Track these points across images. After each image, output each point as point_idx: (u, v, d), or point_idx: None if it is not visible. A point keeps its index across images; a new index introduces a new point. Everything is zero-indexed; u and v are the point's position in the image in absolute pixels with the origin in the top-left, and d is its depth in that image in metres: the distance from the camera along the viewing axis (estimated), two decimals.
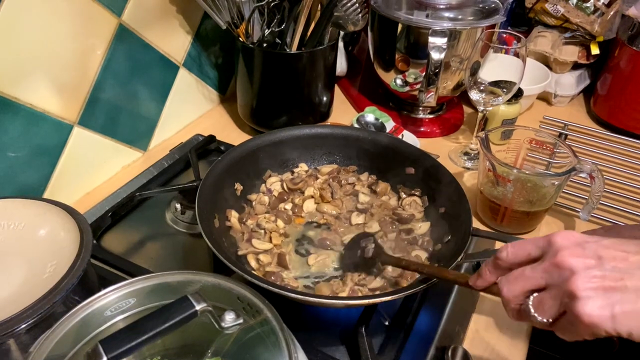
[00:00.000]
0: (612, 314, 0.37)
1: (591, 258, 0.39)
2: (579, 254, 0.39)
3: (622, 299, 0.37)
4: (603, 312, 0.37)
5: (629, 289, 0.37)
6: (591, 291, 0.37)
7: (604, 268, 0.38)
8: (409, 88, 0.99)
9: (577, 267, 0.39)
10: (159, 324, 0.38)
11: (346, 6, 0.85)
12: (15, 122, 0.69)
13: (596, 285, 0.38)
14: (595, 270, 0.38)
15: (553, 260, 0.40)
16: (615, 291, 0.37)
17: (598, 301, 0.37)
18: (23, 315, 0.47)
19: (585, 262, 0.39)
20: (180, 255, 0.73)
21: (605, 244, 0.40)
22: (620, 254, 0.39)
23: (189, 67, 0.96)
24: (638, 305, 0.37)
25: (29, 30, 0.67)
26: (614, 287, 0.37)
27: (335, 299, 0.57)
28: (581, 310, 0.37)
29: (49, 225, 0.56)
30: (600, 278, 0.38)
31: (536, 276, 0.41)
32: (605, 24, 1.07)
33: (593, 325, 0.37)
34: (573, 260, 0.39)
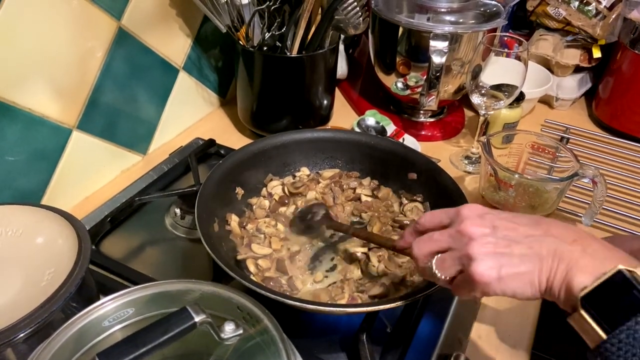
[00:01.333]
0: (498, 275, 0.43)
1: (487, 227, 0.45)
2: (478, 224, 0.46)
3: (507, 262, 0.43)
4: (492, 272, 0.43)
5: (515, 254, 0.43)
6: (484, 255, 0.44)
7: (496, 236, 0.44)
8: (410, 91, 0.99)
9: (475, 234, 0.45)
10: (158, 336, 0.38)
11: (347, 10, 0.85)
12: (13, 127, 0.68)
13: (488, 250, 0.44)
14: (490, 237, 0.44)
15: (457, 227, 0.46)
16: (503, 256, 0.43)
17: (489, 262, 0.43)
18: (21, 324, 0.46)
19: (482, 230, 0.45)
20: (179, 260, 0.72)
21: (502, 217, 0.46)
22: (512, 224, 0.45)
23: (188, 71, 0.96)
24: (520, 269, 0.42)
25: (28, 34, 0.66)
26: (502, 252, 0.43)
27: (336, 307, 0.57)
28: (475, 270, 0.43)
29: (47, 232, 0.56)
30: (493, 244, 0.44)
31: (442, 239, 0.47)
32: (607, 27, 1.07)
33: (483, 283, 0.43)
34: (473, 229, 0.45)
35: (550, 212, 0.76)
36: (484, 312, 0.67)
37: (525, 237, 0.44)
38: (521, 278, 0.43)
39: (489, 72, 0.84)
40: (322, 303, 0.58)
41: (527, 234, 0.44)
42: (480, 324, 0.66)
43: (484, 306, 0.68)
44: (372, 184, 0.76)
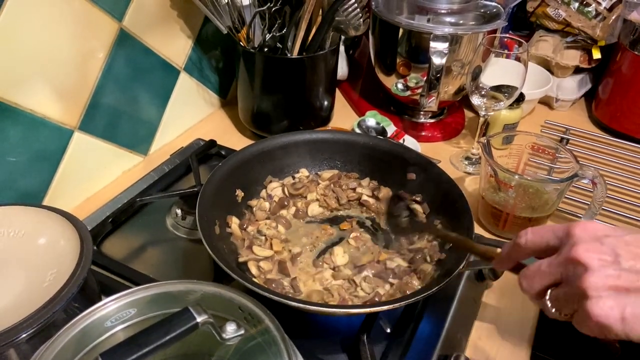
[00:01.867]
0: (622, 316, 0.36)
1: (608, 254, 0.37)
2: (595, 250, 0.38)
3: (635, 301, 0.36)
4: (612, 313, 0.36)
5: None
6: (603, 291, 0.36)
7: (620, 267, 0.37)
8: (410, 92, 0.99)
9: (592, 264, 0.37)
10: (160, 337, 0.38)
11: (347, 11, 0.85)
12: (15, 128, 0.68)
13: (609, 284, 0.36)
14: (610, 269, 0.37)
15: (569, 254, 0.38)
16: (629, 293, 0.36)
17: (609, 302, 0.36)
18: (23, 324, 0.46)
19: (601, 258, 0.37)
20: (181, 261, 0.72)
21: (626, 240, 0.38)
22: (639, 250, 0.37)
23: (189, 72, 0.96)
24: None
25: (30, 35, 0.66)
26: (628, 288, 0.36)
27: (337, 308, 0.57)
28: (590, 310, 0.36)
29: (49, 233, 0.56)
30: (614, 277, 0.36)
31: (552, 271, 0.40)
32: (607, 29, 1.07)
33: (601, 325, 0.36)
34: (588, 256, 0.37)
35: (550, 212, 0.77)
36: (484, 312, 0.67)
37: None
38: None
39: (489, 73, 0.84)
40: (323, 304, 0.58)
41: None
42: (481, 324, 0.66)
43: (484, 306, 0.68)
44: (372, 184, 0.77)
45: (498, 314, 0.67)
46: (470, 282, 0.67)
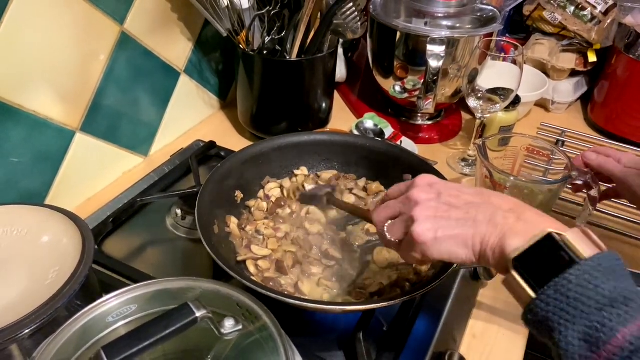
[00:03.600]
0: (435, 236, 0.46)
1: (433, 194, 0.49)
2: (425, 191, 0.49)
3: (445, 225, 0.46)
4: (429, 233, 0.46)
5: (452, 218, 0.46)
6: (425, 217, 0.47)
7: (439, 201, 0.48)
8: (408, 95, 1.00)
9: (420, 199, 0.49)
10: (160, 331, 0.39)
11: (345, 14, 0.86)
12: (18, 129, 0.70)
13: (429, 214, 0.47)
14: (432, 202, 0.48)
15: (408, 194, 0.50)
16: (441, 219, 0.47)
17: (427, 224, 0.47)
18: (26, 320, 0.47)
19: (427, 196, 0.49)
20: (180, 260, 0.74)
21: (449, 186, 0.50)
22: (455, 192, 0.48)
23: (190, 74, 0.97)
24: (455, 231, 0.46)
25: (32, 38, 0.68)
26: (441, 216, 0.47)
27: (333, 305, 0.58)
28: (415, 230, 0.47)
29: (52, 231, 0.57)
30: (434, 209, 0.47)
31: (395, 206, 0.51)
32: (602, 32, 1.08)
33: (421, 242, 0.47)
34: (419, 195, 0.49)
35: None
36: (479, 310, 0.68)
37: (465, 204, 0.47)
38: (455, 240, 0.46)
39: (485, 76, 0.85)
40: (319, 302, 0.59)
41: (467, 201, 0.47)
42: (475, 322, 0.67)
43: (479, 304, 0.69)
44: (367, 184, 0.78)
45: (493, 312, 0.68)
46: (465, 281, 0.68)
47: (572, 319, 0.38)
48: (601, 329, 0.37)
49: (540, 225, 0.43)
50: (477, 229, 0.45)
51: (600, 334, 0.36)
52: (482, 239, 0.45)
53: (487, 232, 0.44)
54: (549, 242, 0.41)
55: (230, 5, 0.87)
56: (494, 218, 0.45)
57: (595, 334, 0.37)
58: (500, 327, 0.66)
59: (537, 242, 0.41)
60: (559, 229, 0.42)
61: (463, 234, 0.45)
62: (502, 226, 0.44)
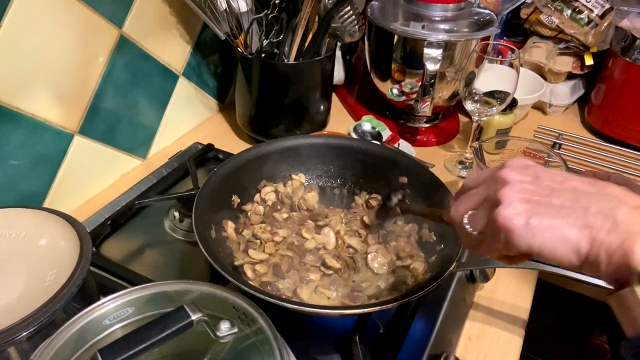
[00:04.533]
0: (527, 222, 0.35)
1: (529, 176, 0.38)
2: (519, 171, 0.39)
3: (543, 211, 0.35)
4: (519, 218, 0.36)
5: (554, 205, 0.36)
6: (516, 201, 0.37)
7: (537, 185, 0.37)
8: (405, 98, 1.00)
9: (512, 179, 0.38)
10: (156, 334, 0.39)
11: (343, 18, 0.87)
12: (17, 132, 0.70)
13: (523, 196, 0.37)
14: (528, 185, 0.37)
15: (494, 174, 0.39)
16: (539, 204, 0.36)
17: (518, 208, 0.36)
18: (24, 323, 0.48)
19: (521, 177, 0.38)
20: (178, 262, 0.74)
21: (550, 170, 0.39)
22: (560, 177, 0.38)
23: (188, 76, 0.98)
24: (556, 221, 0.35)
25: (31, 41, 0.68)
26: (539, 200, 0.36)
27: (329, 309, 0.58)
28: (499, 212, 0.36)
29: (50, 234, 0.57)
30: (529, 192, 0.37)
31: (478, 193, 0.41)
32: (599, 35, 1.09)
33: (507, 229, 0.36)
34: (510, 174, 0.38)
35: None
36: (475, 313, 0.69)
37: (572, 190, 0.36)
38: (555, 231, 0.35)
39: (482, 79, 0.86)
40: (316, 305, 0.59)
41: (575, 187, 0.36)
42: (472, 325, 0.67)
43: (475, 306, 0.70)
44: None
45: (489, 315, 0.69)
46: (461, 283, 0.68)
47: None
48: None
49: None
50: (587, 221, 0.34)
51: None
52: (595, 236, 0.34)
53: (602, 228, 0.34)
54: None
55: (228, 8, 0.87)
56: (615, 212, 0.34)
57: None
58: (497, 329, 0.67)
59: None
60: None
61: (567, 224, 0.34)
62: (626, 224, 0.33)
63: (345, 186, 0.79)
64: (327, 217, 0.73)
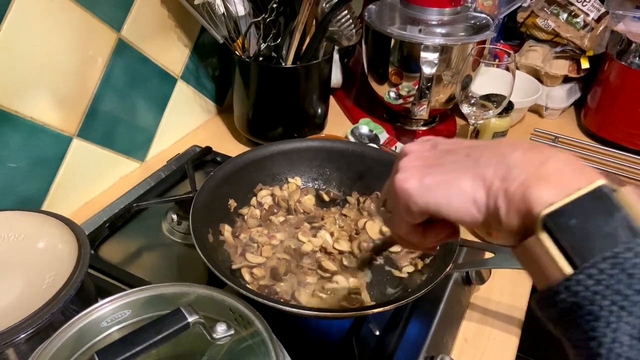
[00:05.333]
0: (420, 182, 0.35)
1: (428, 145, 0.39)
2: (419, 143, 0.40)
3: (436, 170, 0.36)
4: (412, 180, 0.36)
5: (446, 162, 0.36)
6: (412, 167, 0.37)
7: (434, 151, 0.38)
8: (402, 101, 1.01)
9: (411, 150, 0.39)
10: (153, 336, 0.40)
11: (340, 22, 0.88)
12: (15, 135, 0.70)
13: (418, 163, 0.37)
14: (425, 152, 0.38)
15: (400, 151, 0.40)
16: (432, 166, 0.36)
17: (412, 171, 0.37)
18: (22, 325, 0.48)
19: (420, 147, 0.39)
20: (175, 265, 0.74)
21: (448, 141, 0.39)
22: (457, 143, 0.38)
23: (186, 80, 0.98)
24: (448, 175, 0.34)
25: (30, 45, 0.68)
26: (433, 163, 0.36)
27: (326, 312, 0.59)
28: (394, 179, 0.37)
29: (48, 237, 0.58)
30: (425, 158, 0.37)
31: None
32: (595, 39, 1.09)
33: (402, 191, 0.36)
34: (411, 146, 0.39)
35: None
36: (471, 315, 0.69)
37: (466, 148, 0.36)
38: (447, 184, 0.34)
39: (479, 83, 0.86)
40: (312, 308, 0.60)
41: (470, 145, 0.36)
42: (467, 326, 0.68)
43: (471, 308, 0.70)
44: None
45: (485, 315, 0.69)
46: (457, 285, 0.69)
47: (630, 307, 0.26)
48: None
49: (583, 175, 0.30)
50: (479, 171, 0.33)
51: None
52: (490, 183, 0.32)
53: (496, 174, 0.32)
54: (601, 198, 0.29)
55: (226, 12, 0.88)
56: (507, 158, 0.32)
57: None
58: (492, 330, 0.67)
59: (583, 195, 0.29)
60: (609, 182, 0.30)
61: (459, 177, 0.34)
62: (521, 167, 0.31)
63: (342, 189, 0.80)
64: (323, 219, 0.73)
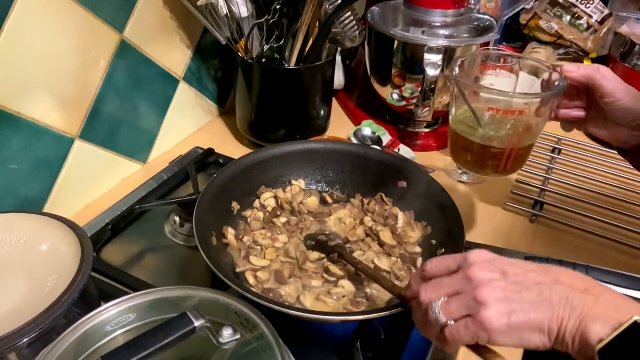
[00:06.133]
0: (508, 321, 0.42)
1: (497, 272, 0.45)
2: (487, 268, 0.45)
3: (518, 308, 0.42)
4: (503, 318, 0.42)
5: (524, 300, 0.43)
6: (495, 300, 0.43)
7: (506, 281, 0.44)
8: (405, 102, 1.01)
9: (485, 279, 0.44)
10: (159, 340, 0.39)
11: (343, 23, 0.87)
12: (17, 136, 0.70)
13: (498, 295, 0.43)
14: (499, 282, 0.44)
15: (466, 272, 0.46)
16: (513, 302, 0.43)
17: (500, 308, 0.42)
18: (25, 329, 0.48)
19: (491, 275, 0.45)
20: (178, 267, 0.74)
21: (509, 262, 0.46)
22: (521, 270, 0.45)
23: (188, 81, 0.98)
24: (530, 315, 0.42)
25: (33, 46, 0.68)
26: (513, 298, 0.43)
27: (331, 315, 0.58)
28: (486, 315, 0.42)
29: (51, 239, 0.57)
30: (502, 289, 0.43)
31: (451, 284, 0.46)
32: (598, 41, 1.09)
33: (493, 329, 0.42)
34: (482, 273, 0.45)
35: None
36: None
37: (535, 284, 0.43)
38: (530, 325, 0.42)
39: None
40: (317, 312, 0.59)
41: (536, 280, 0.44)
42: None
43: None
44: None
45: None
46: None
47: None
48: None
49: (621, 309, 0.40)
50: (553, 313, 0.41)
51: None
52: (560, 323, 0.41)
53: (564, 316, 0.41)
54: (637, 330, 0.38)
55: (229, 13, 0.87)
56: (571, 300, 0.41)
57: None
58: None
59: (625, 330, 0.38)
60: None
61: (538, 318, 0.42)
62: (580, 309, 0.41)
63: (345, 191, 0.79)
64: (331, 214, 0.73)
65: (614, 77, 0.62)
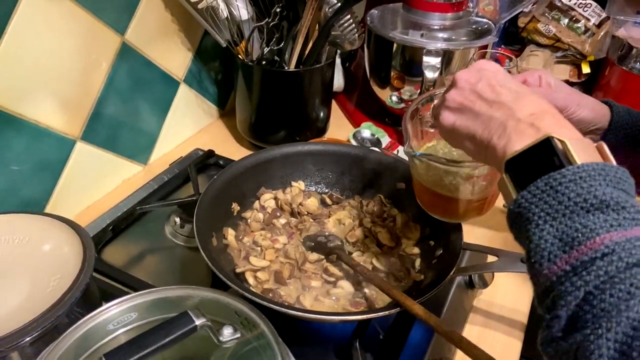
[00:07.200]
0: (452, 124, 0.49)
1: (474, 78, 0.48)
2: (469, 74, 0.49)
3: (463, 117, 0.48)
4: (449, 119, 0.49)
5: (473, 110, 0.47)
6: (452, 102, 0.49)
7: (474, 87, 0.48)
8: (405, 105, 1.01)
9: (460, 80, 0.49)
10: (160, 339, 0.40)
11: (343, 26, 0.88)
12: (19, 138, 0.70)
13: (458, 99, 0.49)
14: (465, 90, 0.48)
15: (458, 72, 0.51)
16: (464, 110, 0.48)
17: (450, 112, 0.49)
18: (27, 328, 0.48)
19: (467, 77, 0.49)
20: (179, 268, 0.74)
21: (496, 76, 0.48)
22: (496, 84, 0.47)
23: (189, 83, 0.99)
24: (467, 124, 0.47)
25: (34, 48, 0.69)
26: (465, 106, 0.48)
27: (330, 315, 0.59)
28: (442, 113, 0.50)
29: (53, 240, 0.58)
30: (464, 96, 0.48)
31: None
32: (596, 44, 1.10)
33: (441, 126, 0.50)
34: (461, 77, 0.49)
35: None
36: (474, 318, 0.69)
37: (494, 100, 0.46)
38: (467, 132, 0.47)
39: None
40: (317, 312, 0.60)
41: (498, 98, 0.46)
42: (471, 330, 0.68)
43: (474, 311, 0.70)
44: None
45: (488, 318, 0.69)
46: (460, 289, 0.69)
47: (553, 214, 0.36)
48: (581, 229, 0.34)
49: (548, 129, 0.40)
50: (486, 126, 0.45)
51: (578, 234, 0.34)
52: (489, 138, 0.44)
53: (495, 133, 0.44)
54: (546, 146, 0.39)
55: (229, 16, 0.88)
56: (508, 121, 0.43)
57: (574, 234, 0.34)
58: (495, 334, 0.67)
59: (533, 145, 0.40)
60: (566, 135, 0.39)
61: (474, 128, 0.46)
62: (510, 130, 0.43)
63: (344, 193, 0.80)
64: (330, 215, 0.74)
65: (566, 92, 0.67)
